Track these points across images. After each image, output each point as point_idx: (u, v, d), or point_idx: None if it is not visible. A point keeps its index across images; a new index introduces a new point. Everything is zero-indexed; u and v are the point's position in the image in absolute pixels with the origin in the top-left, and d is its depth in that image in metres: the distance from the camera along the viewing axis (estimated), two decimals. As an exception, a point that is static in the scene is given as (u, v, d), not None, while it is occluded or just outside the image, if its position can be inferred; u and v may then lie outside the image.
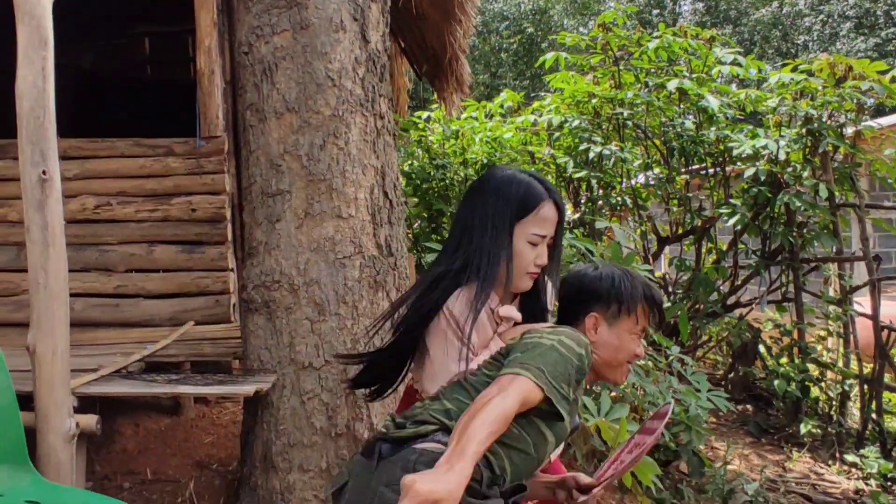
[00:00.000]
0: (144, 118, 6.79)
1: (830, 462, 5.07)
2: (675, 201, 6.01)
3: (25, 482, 2.76)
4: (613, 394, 4.00)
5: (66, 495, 2.74)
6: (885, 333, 5.25)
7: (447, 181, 6.36)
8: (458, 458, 1.55)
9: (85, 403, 3.19)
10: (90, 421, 3.05)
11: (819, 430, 5.38)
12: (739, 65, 5.54)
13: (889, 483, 4.71)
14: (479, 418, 1.61)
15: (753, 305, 5.90)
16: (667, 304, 5.28)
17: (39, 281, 2.92)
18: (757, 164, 5.35)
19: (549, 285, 2.19)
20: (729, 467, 4.50)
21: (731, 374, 6.16)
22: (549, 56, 5.97)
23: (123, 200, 4.35)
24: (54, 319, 2.93)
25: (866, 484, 4.73)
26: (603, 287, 2.09)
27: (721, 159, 5.80)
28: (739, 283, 5.94)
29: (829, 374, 5.66)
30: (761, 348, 5.99)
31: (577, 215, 5.74)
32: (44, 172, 2.91)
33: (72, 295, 3.35)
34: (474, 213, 2.07)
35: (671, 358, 4.40)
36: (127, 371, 3.54)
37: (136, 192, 4.36)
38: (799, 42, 21.34)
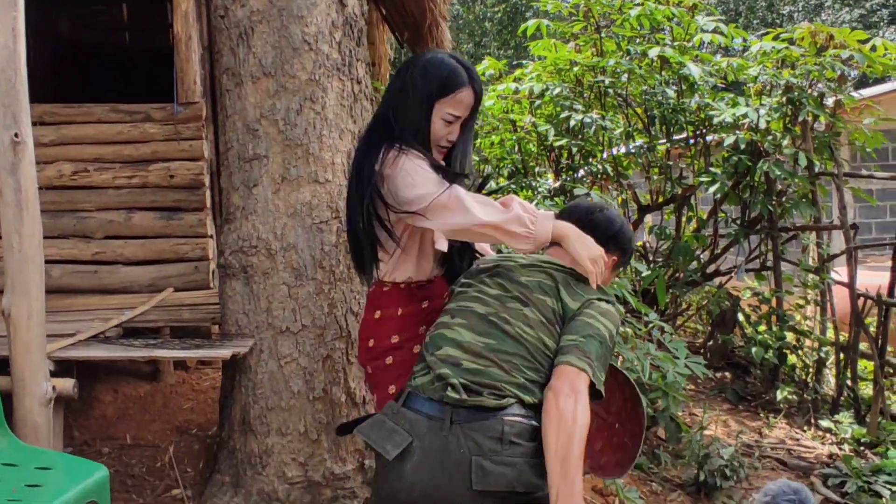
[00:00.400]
0: (126, 86, 6.72)
1: (806, 428, 5.14)
2: (656, 170, 6.01)
3: (3, 445, 2.78)
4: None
5: (43, 457, 2.76)
6: (861, 302, 5.29)
7: (428, 149, 6.31)
8: (570, 495, 1.84)
9: (62, 368, 3.20)
10: (67, 384, 3.06)
11: (795, 397, 5.45)
12: (721, 33, 5.52)
13: (862, 448, 4.79)
14: (575, 445, 1.87)
15: (732, 274, 5.94)
16: (646, 272, 5.31)
17: (13, 245, 2.92)
18: (737, 132, 5.35)
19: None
20: (706, 433, 4.56)
21: (710, 342, 6.22)
22: (531, 23, 5.93)
23: (101, 167, 4.32)
24: (29, 283, 2.93)
25: (840, 449, 4.81)
26: (628, 242, 2.40)
27: (702, 128, 5.80)
28: (719, 251, 5.97)
29: (807, 342, 5.72)
30: (740, 316, 6.03)
31: (557, 183, 5.73)
32: (16, 135, 2.90)
33: (50, 262, 3.35)
34: (403, 85, 2.32)
35: (651, 325, 4.42)
36: (105, 336, 3.54)
37: (114, 158, 4.33)
38: (784, 12, 21.30)
